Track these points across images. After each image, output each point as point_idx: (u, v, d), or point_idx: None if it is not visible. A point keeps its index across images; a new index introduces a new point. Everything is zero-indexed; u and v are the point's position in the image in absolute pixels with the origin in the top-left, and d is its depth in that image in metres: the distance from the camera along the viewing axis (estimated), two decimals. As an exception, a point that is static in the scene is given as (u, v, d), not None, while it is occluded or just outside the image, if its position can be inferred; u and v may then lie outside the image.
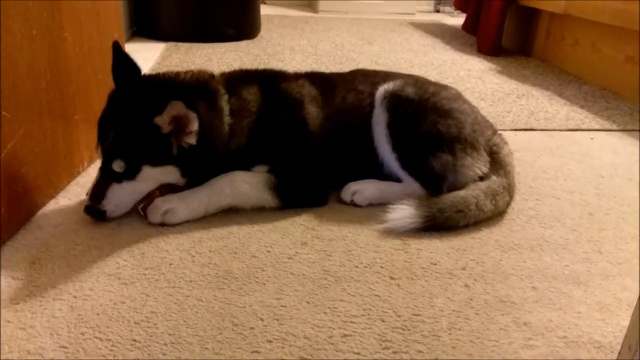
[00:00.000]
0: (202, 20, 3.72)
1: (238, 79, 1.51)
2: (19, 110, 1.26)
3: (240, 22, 3.85)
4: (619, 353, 0.87)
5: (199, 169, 1.37)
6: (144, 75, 1.41)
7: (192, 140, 1.30)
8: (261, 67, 1.71)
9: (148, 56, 3.10)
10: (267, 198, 1.41)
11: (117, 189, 1.30)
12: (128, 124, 1.30)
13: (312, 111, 1.51)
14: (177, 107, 1.25)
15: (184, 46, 3.52)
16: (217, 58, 3.22)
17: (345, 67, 3.08)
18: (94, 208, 1.30)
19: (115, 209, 1.32)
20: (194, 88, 1.39)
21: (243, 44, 3.70)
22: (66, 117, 1.50)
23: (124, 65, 1.36)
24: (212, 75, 1.48)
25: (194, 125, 1.28)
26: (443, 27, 4.80)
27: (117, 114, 1.32)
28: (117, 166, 1.28)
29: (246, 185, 1.39)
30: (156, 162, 1.31)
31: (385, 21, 5.03)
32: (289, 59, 3.28)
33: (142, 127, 1.28)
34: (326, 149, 1.50)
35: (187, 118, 1.27)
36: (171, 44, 3.55)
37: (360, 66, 3.13)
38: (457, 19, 5.14)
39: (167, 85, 1.37)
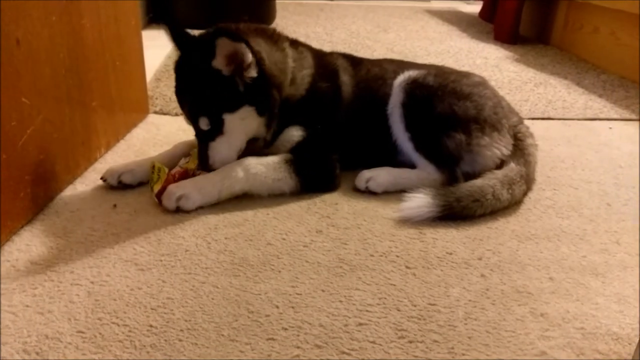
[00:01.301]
0: (218, 7, 3.71)
1: (295, 40, 1.59)
2: (38, 97, 1.27)
3: (255, 10, 3.83)
4: (638, 345, 0.86)
5: (270, 104, 1.40)
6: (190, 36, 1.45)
7: (252, 72, 1.33)
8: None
9: (164, 43, 3.08)
10: (283, 176, 1.42)
11: (215, 146, 1.38)
12: (194, 80, 1.35)
13: (345, 79, 1.57)
14: (224, 43, 1.28)
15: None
16: (232, 45, 3.21)
17: (360, 55, 3.06)
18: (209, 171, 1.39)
19: (224, 164, 1.40)
20: (255, 30, 1.47)
21: (258, 31, 3.69)
22: (84, 103, 1.51)
23: (180, 34, 1.43)
24: (274, 28, 1.55)
25: (248, 57, 1.31)
26: (459, 15, 4.75)
27: (183, 77, 1.40)
28: (204, 124, 1.35)
29: (260, 166, 1.40)
30: (232, 107, 1.35)
31: (401, 8, 4.99)
32: (304, 46, 3.26)
33: (206, 77, 1.33)
34: (350, 121, 1.54)
35: (239, 51, 1.30)
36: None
37: (376, 54, 3.11)
38: (474, 7, 5.08)
39: (213, 32, 1.40)
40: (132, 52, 1.87)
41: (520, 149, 1.52)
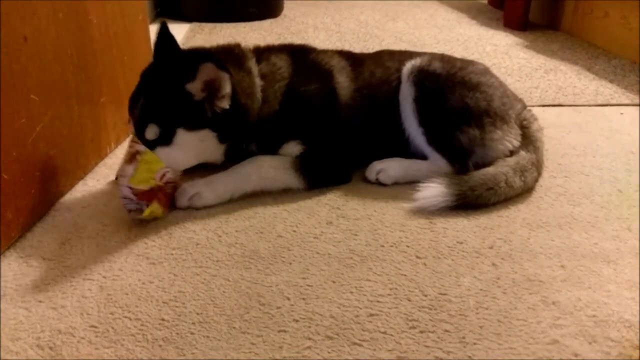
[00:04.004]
0: (226, 0, 3.71)
1: (266, 49, 1.53)
2: (47, 93, 1.28)
3: (263, 1, 3.82)
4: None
5: (235, 133, 1.37)
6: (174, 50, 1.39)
7: (225, 104, 1.30)
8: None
9: (171, 37, 3.10)
10: (293, 180, 1.41)
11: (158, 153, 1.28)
12: (159, 90, 1.31)
13: (342, 81, 1.51)
14: (208, 69, 1.26)
15: (207, 26, 3.51)
16: (240, 37, 3.21)
17: (369, 45, 3.04)
18: None
19: None
20: (221, 52, 1.42)
21: (266, 23, 3.68)
22: (93, 99, 1.52)
23: (165, 44, 1.37)
24: (238, 44, 1.50)
25: (227, 88, 1.29)
26: (469, 2, 4.70)
27: (147, 84, 1.34)
28: (151, 132, 1.29)
29: (272, 170, 1.39)
30: (191, 126, 1.31)
31: (409, -3, 4.94)
32: (313, 37, 3.25)
33: (173, 93, 1.29)
34: (355, 123, 1.49)
35: (219, 80, 1.27)
36: (195, 25, 3.55)
37: (384, 43, 3.09)
38: (483, -7, 5.02)
39: (195, 53, 1.38)
40: (140, 47, 1.87)
41: (527, 136, 1.51)
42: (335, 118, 1.48)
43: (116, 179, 1.44)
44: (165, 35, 1.38)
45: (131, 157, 1.25)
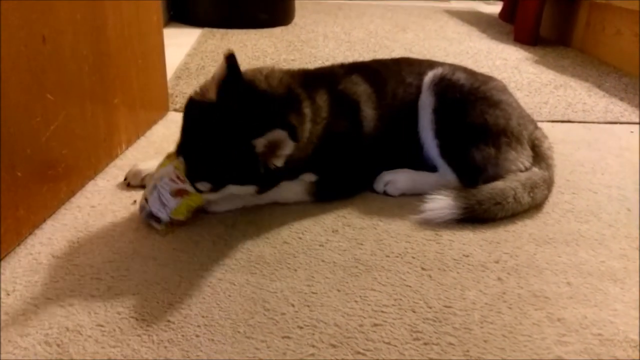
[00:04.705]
0: (238, 7, 3.75)
1: (310, 82, 1.41)
2: (62, 93, 1.29)
3: (274, 9, 3.85)
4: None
5: (274, 184, 1.31)
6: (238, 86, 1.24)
7: (280, 163, 1.22)
8: (295, 53, 1.69)
9: (184, 42, 3.13)
10: (305, 198, 1.41)
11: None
12: (225, 143, 1.18)
13: (368, 113, 1.46)
14: (279, 135, 1.16)
15: (219, 32, 3.54)
16: (251, 44, 3.23)
17: (378, 55, 3.06)
18: None
19: None
20: (286, 103, 1.29)
21: (277, 30, 3.71)
22: (106, 100, 1.53)
23: (232, 84, 1.21)
24: (293, 76, 1.38)
25: (287, 150, 1.20)
26: (479, 15, 4.72)
27: (209, 132, 1.20)
28: (203, 187, 1.23)
29: (289, 193, 1.40)
30: (241, 182, 1.25)
31: (419, 8, 4.97)
32: (322, 45, 3.27)
33: (235, 150, 1.18)
34: (375, 147, 1.47)
35: (284, 143, 1.18)
36: (207, 30, 3.58)
37: (394, 54, 3.11)
38: (494, 7, 5.05)
39: (262, 101, 1.25)
40: (154, 50, 1.89)
41: (538, 154, 1.50)
42: (357, 149, 1.45)
43: (127, 184, 1.46)
44: (233, 72, 1.22)
45: (178, 192, 1.25)
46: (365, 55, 3.06)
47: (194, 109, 1.24)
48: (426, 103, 1.48)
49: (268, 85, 1.29)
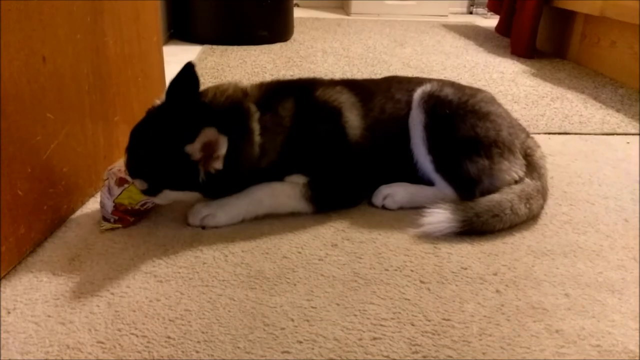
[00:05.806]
0: (237, 24, 3.78)
1: (275, 93, 1.46)
2: (63, 112, 1.31)
3: (273, 25, 3.89)
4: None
5: (222, 191, 1.37)
6: (185, 96, 1.32)
7: (219, 165, 1.27)
8: (294, 69, 1.71)
9: (184, 59, 3.12)
10: (303, 207, 1.43)
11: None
12: (157, 148, 1.27)
13: (352, 119, 1.47)
14: (209, 134, 1.22)
15: (219, 49, 3.57)
16: (251, 60, 3.26)
17: (377, 70, 3.09)
18: None
19: None
20: (225, 112, 1.34)
21: (276, 47, 3.74)
22: (107, 118, 1.55)
23: (184, 85, 1.31)
24: (245, 93, 1.42)
25: (222, 149, 1.25)
26: (476, 29, 4.76)
27: (148, 134, 1.30)
28: (139, 184, 1.30)
29: (285, 197, 1.41)
30: (178, 188, 1.31)
31: (417, 23, 5.01)
32: (321, 61, 3.30)
33: (170, 155, 1.26)
34: (365, 155, 1.48)
35: (217, 143, 1.24)
36: (207, 47, 3.61)
37: (392, 69, 3.13)
38: (491, 21, 5.09)
39: (200, 110, 1.32)
40: (154, 68, 1.91)
41: (531, 164, 1.51)
42: (344, 154, 1.46)
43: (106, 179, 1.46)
44: (186, 78, 1.31)
45: (121, 181, 1.34)
46: (364, 70, 3.08)
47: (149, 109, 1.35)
48: (417, 120, 1.50)
49: (214, 98, 1.36)
